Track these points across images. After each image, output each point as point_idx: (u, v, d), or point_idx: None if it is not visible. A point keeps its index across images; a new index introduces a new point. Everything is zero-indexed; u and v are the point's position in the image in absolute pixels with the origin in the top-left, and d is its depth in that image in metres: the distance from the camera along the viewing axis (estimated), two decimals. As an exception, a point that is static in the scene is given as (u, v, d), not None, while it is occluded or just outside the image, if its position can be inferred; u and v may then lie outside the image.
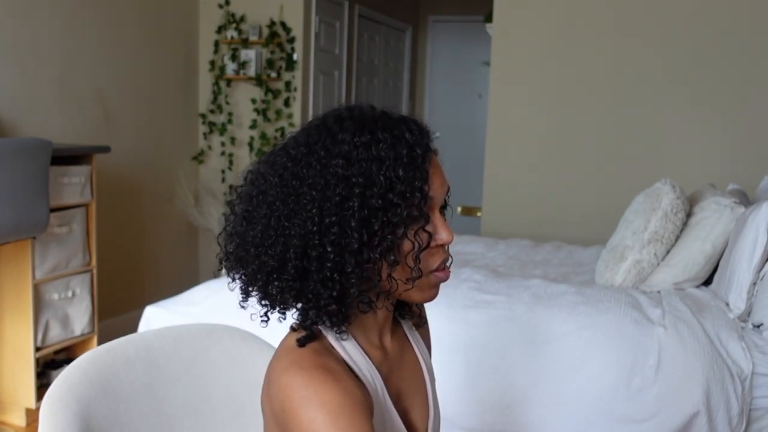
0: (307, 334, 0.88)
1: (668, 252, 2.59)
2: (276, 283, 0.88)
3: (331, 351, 0.89)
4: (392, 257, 0.85)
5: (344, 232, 0.84)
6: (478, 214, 4.20)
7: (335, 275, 0.85)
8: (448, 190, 0.93)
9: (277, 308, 0.91)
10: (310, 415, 0.80)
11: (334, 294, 0.86)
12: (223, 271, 0.95)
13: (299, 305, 0.89)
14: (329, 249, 0.84)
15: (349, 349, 0.91)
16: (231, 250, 0.93)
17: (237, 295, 0.96)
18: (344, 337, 0.90)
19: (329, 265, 0.84)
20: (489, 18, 4.25)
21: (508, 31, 4.06)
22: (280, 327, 0.96)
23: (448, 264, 0.93)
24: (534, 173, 4.05)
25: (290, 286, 0.87)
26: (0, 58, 3.03)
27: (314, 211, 0.84)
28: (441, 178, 0.90)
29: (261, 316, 0.93)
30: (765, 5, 3.57)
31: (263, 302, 0.92)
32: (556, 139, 4.00)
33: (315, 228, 0.84)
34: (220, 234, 0.96)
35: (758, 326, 2.22)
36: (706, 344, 2.07)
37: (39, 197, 2.53)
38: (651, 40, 3.77)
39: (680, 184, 2.70)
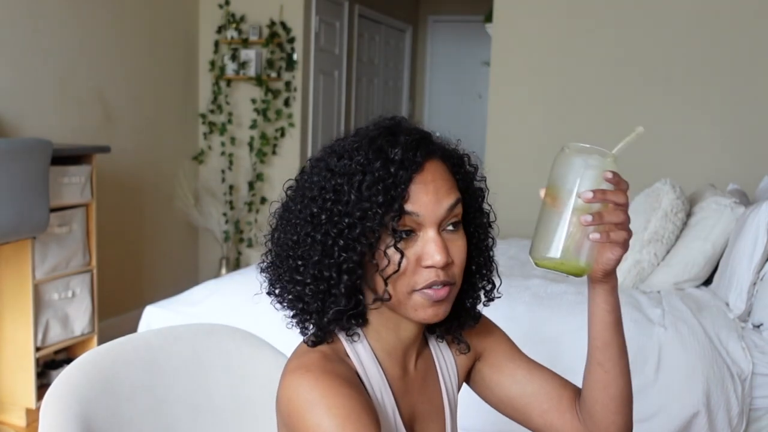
0: (316, 337, 0.89)
1: (668, 252, 2.59)
2: (273, 287, 0.92)
3: (343, 359, 0.88)
4: (347, 276, 0.84)
5: (311, 244, 0.85)
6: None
7: (298, 287, 0.87)
8: (456, 203, 0.85)
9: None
10: (316, 420, 0.79)
11: (301, 306, 0.88)
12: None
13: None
14: (299, 262, 0.86)
15: (363, 359, 0.90)
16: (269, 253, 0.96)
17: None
18: (355, 339, 0.90)
19: (298, 277, 0.86)
20: (489, 18, 4.25)
21: (508, 31, 4.06)
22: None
23: (439, 284, 0.84)
24: (534, 173, 4.04)
25: (279, 293, 0.91)
26: (0, 58, 3.03)
27: (296, 221, 0.87)
28: (434, 195, 0.84)
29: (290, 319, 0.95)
30: (765, 6, 3.57)
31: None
32: (556, 139, 3.99)
33: (294, 237, 0.86)
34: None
35: (758, 326, 2.22)
36: (706, 344, 2.07)
37: (39, 197, 2.53)
38: (651, 40, 3.77)
39: (680, 184, 2.70)
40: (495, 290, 0.96)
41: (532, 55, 4.01)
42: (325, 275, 0.84)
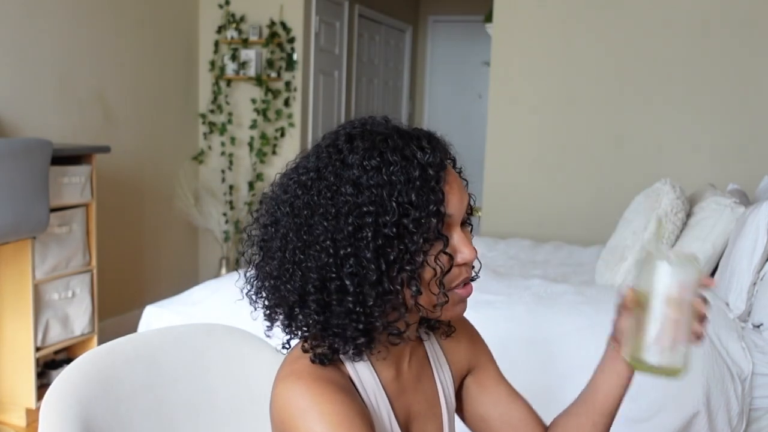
0: (324, 353, 0.85)
1: (668, 252, 2.58)
2: (300, 317, 0.85)
3: (338, 366, 0.88)
4: (414, 287, 0.82)
5: (360, 263, 0.80)
6: (479, 214, 4.20)
7: (358, 308, 0.81)
8: (469, 200, 0.88)
9: (299, 335, 0.89)
10: (309, 426, 0.78)
11: (361, 327, 0.82)
12: (245, 299, 0.92)
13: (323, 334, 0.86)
14: (347, 282, 0.80)
15: (356, 363, 0.89)
16: (251, 278, 0.90)
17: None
18: (357, 360, 0.88)
19: (350, 298, 0.81)
20: (489, 18, 4.25)
21: (508, 31, 4.06)
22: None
23: (473, 277, 0.89)
24: (534, 173, 4.04)
25: (315, 319, 0.84)
26: (0, 58, 3.03)
27: (328, 242, 0.80)
28: (459, 194, 0.85)
29: (284, 344, 0.91)
30: (764, 6, 3.57)
31: (286, 330, 0.89)
32: (556, 139, 4.00)
33: (331, 260, 0.80)
34: (239, 258, 0.94)
35: (758, 326, 2.22)
36: (706, 344, 2.07)
37: (39, 197, 2.53)
38: (651, 40, 3.77)
39: (680, 184, 2.70)
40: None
41: (532, 55, 4.01)
42: (388, 289, 0.81)
